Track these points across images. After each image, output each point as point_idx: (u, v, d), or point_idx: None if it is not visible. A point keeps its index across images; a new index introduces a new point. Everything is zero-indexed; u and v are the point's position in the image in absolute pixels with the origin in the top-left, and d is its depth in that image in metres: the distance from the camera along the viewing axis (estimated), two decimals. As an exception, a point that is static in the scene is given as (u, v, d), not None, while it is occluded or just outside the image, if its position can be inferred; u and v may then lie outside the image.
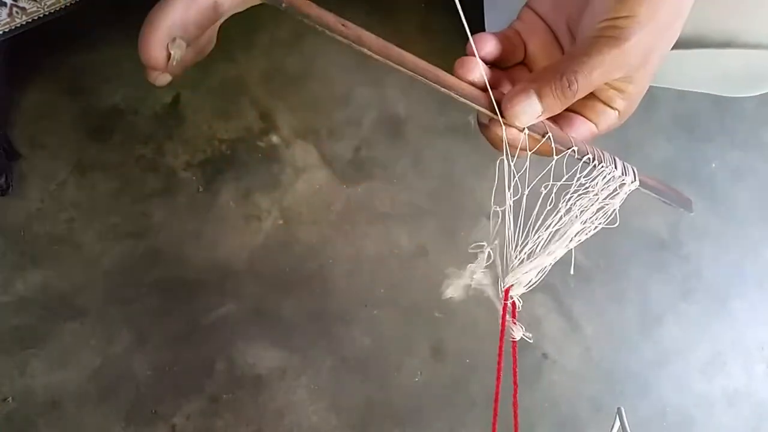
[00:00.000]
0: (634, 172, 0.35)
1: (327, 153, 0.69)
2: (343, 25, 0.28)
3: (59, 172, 0.65)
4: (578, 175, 0.33)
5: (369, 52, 0.29)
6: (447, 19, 0.72)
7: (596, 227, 0.34)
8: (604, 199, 0.34)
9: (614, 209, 0.34)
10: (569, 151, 0.33)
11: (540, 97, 0.32)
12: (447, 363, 0.64)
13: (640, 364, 0.66)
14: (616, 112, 0.36)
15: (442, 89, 0.31)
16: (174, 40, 0.29)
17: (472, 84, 0.34)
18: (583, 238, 0.34)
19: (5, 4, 0.49)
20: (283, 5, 0.29)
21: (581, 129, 0.36)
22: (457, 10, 0.27)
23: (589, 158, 0.33)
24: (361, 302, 0.65)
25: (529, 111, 0.32)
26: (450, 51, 0.73)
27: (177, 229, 0.65)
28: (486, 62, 0.36)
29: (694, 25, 0.45)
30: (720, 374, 0.67)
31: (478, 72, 0.33)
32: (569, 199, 0.33)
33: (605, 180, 0.34)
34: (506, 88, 0.36)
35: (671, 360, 0.67)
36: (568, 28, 0.37)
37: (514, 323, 0.34)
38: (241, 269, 0.65)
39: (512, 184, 0.33)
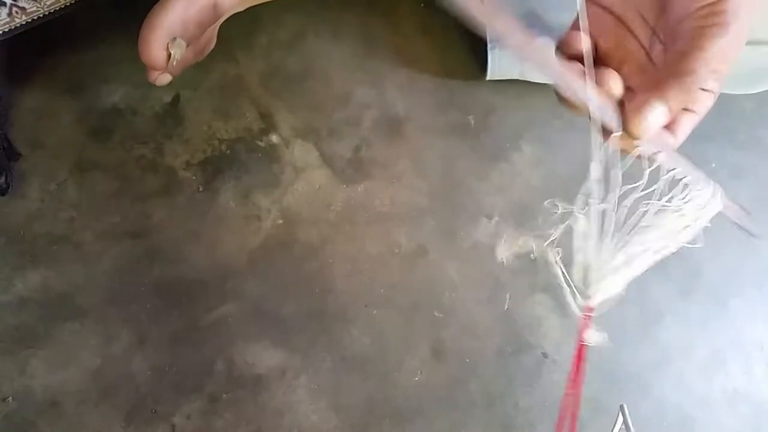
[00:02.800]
0: (720, 194, 0.35)
1: (327, 153, 0.69)
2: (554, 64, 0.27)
3: (59, 172, 0.65)
4: (679, 196, 0.33)
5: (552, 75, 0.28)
6: (447, 19, 0.72)
7: (679, 245, 0.34)
8: (692, 220, 0.34)
9: (698, 229, 0.35)
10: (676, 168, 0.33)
11: (666, 103, 0.31)
12: (447, 363, 0.64)
13: (640, 364, 0.66)
14: (712, 94, 0.35)
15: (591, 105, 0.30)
16: (174, 39, 0.29)
17: (578, 57, 0.32)
18: (664, 254, 0.34)
19: (5, 4, 0.49)
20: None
21: (686, 121, 0.35)
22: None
23: (689, 180, 0.33)
24: (361, 302, 0.65)
25: (657, 119, 0.31)
26: (450, 51, 0.73)
27: (177, 229, 0.65)
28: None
29: None
30: (720, 374, 0.67)
31: (586, 43, 0.32)
32: (659, 218, 0.33)
33: (697, 204, 0.34)
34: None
35: (671, 360, 0.67)
36: (641, 17, 0.35)
37: (592, 314, 0.32)
38: (241, 269, 0.65)
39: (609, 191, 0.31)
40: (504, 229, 0.67)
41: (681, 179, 0.33)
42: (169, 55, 0.29)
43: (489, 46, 0.66)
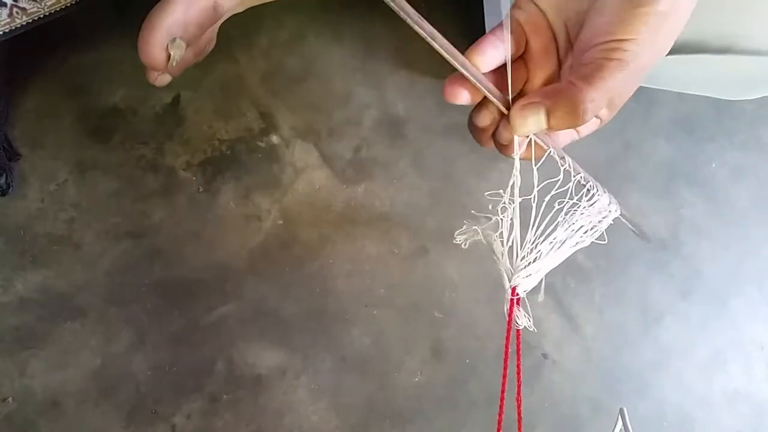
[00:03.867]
0: (617, 203, 0.40)
1: (327, 153, 0.69)
2: (420, 18, 0.30)
3: (59, 172, 0.65)
4: (584, 199, 0.38)
5: (438, 48, 0.31)
6: (447, 19, 0.72)
7: (587, 243, 0.38)
8: (597, 222, 0.39)
9: (601, 231, 0.39)
10: (563, 162, 0.36)
11: (549, 116, 0.32)
12: (447, 363, 0.64)
13: (640, 364, 0.66)
14: (599, 120, 0.36)
15: (479, 86, 0.33)
16: (174, 40, 0.29)
17: (476, 67, 0.34)
18: (574, 250, 0.38)
19: (5, 5, 0.49)
20: None
21: (563, 136, 0.37)
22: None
23: (590, 185, 0.38)
24: (361, 302, 0.65)
25: (532, 125, 0.33)
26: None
27: (177, 229, 0.65)
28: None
29: (693, 30, 0.45)
30: (720, 374, 0.67)
31: (498, 53, 0.34)
32: (569, 216, 0.37)
33: (599, 207, 0.39)
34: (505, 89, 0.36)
35: (671, 360, 0.67)
36: (566, 29, 0.36)
37: (518, 308, 0.36)
38: (241, 269, 0.65)
39: (518, 186, 0.35)
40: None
41: (584, 185, 0.37)
42: (169, 56, 0.29)
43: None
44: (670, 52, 0.35)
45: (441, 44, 0.31)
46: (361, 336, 0.64)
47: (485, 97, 0.34)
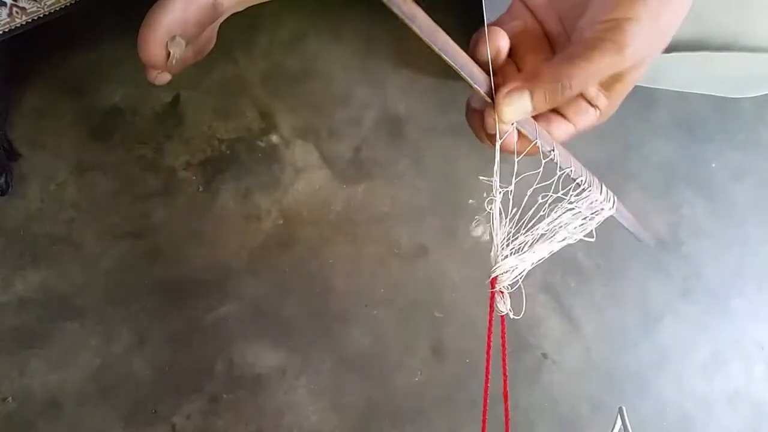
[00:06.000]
0: (615, 201, 0.38)
1: (327, 153, 0.69)
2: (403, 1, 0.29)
3: (59, 172, 0.65)
4: (571, 193, 0.36)
5: (418, 31, 0.30)
6: (448, 19, 0.72)
7: (575, 239, 0.37)
8: (586, 218, 0.37)
9: (591, 228, 0.37)
10: (553, 155, 0.35)
11: (532, 97, 0.32)
12: (447, 363, 0.64)
13: (640, 364, 0.66)
14: (597, 111, 0.35)
15: (459, 71, 0.31)
16: (173, 38, 0.29)
17: (497, 53, 0.33)
18: (562, 245, 0.37)
19: (5, 4, 0.49)
20: None
21: (559, 129, 0.36)
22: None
23: (581, 179, 0.36)
24: (361, 302, 0.65)
25: (519, 110, 0.32)
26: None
27: (177, 229, 0.65)
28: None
29: (695, 28, 0.45)
30: (720, 374, 0.67)
31: (503, 42, 0.33)
32: (555, 210, 0.36)
33: (589, 203, 0.37)
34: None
35: (671, 360, 0.67)
36: (561, 24, 0.36)
37: (501, 293, 0.35)
38: (242, 269, 0.65)
39: (499, 177, 0.35)
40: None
41: (575, 179, 0.36)
42: (169, 54, 0.29)
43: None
44: (673, 50, 0.35)
45: (420, 26, 0.30)
46: (361, 336, 0.64)
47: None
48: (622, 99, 0.35)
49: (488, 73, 0.33)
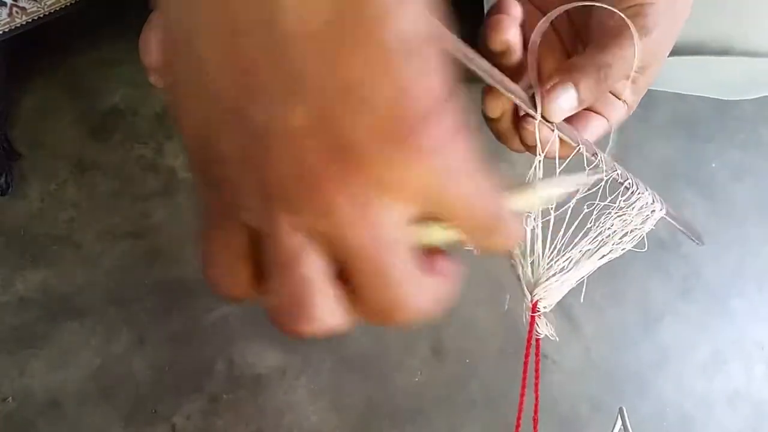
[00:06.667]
0: (661, 201, 0.35)
1: (327, 153, 0.69)
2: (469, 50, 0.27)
3: (59, 172, 0.65)
4: (619, 199, 0.33)
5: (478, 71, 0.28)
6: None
7: (624, 249, 0.34)
8: (636, 224, 0.34)
9: (642, 234, 0.35)
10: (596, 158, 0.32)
11: (578, 89, 0.31)
12: (447, 363, 0.64)
13: (640, 364, 0.66)
14: (625, 104, 0.35)
15: (492, 81, 0.29)
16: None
17: (507, 43, 0.31)
18: (611, 257, 0.34)
19: (5, 4, 0.49)
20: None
21: (596, 125, 0.35)
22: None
23: (629, 183, 0.33)
24: (361, 302, 0.65)
25: (567, 105, 0.31)
26: (450, 51, 0.73)
27: (177, 229, 0.65)
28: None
29: (693, 32, 0.45)
30: (720, 374, 0.67)
31: (513, 30, 0.32)
32: (602, 220, 0.33)
33: (640, 207, 0.34)
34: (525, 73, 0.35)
35: (671, 360, 0.67)
36: (568, 15, 0.35)
37: (539, 316, 0.33)
38: (241, 269, 0.64)
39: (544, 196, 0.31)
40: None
41: (622, 183, 0.33)
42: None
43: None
44: (671, 54, 0.35)
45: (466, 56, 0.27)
46: (361, 336, 0.64)
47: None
48: (645, 92, 0.35)
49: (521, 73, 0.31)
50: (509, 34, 0.30)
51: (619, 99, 0.35)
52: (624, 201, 0.33)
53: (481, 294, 0.66)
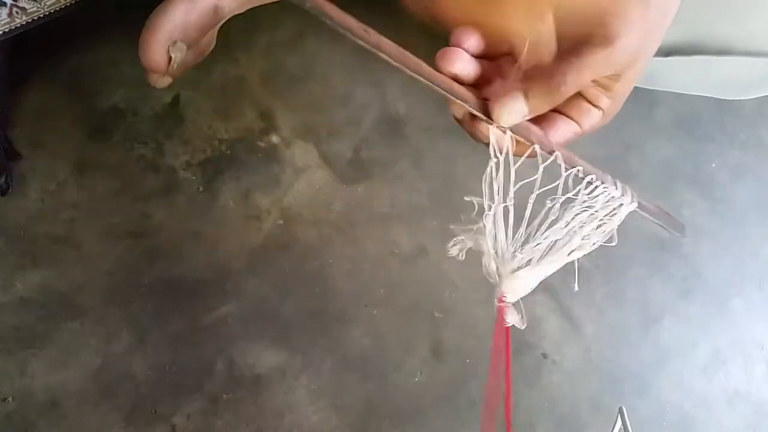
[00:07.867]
0: (632, 194, 0.36)
1: (327, 153, 0.69)
2: (365, 30, 0.29)
3: (59, 172, 0.65)
4: (581, 192, 0.34)
5: (387, 58, 0.30)
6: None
7: (594, 244, 0.35)
8: (603, 217, 0.35)
9: (612, 228, 0.35)
10: (556, 157, 0.34)
11: (527, 98, 0.32)
12: (447, 363, 0.64)
13: (640, 364, 0.66)
14: (600, 111, 0.35)
15: (439, 90, 0.31)
16: (174, 43, 0.29)
17: (455, 77, 0.33)
18: (581, 253, 0.35)
19: (5, 4, 0.49)
20: (308, 5, 0.29)
21: (563, 129, 0.36)
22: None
23: (591, 177, 0.34)
24: (361, 302, 0.65)
25: (515, 112, 0.32)
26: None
27: (177, 229, 0.65)
28: (471, 54, 0.35)
29: (692, 32, 0.46)
30: (720, 374, 0.67)
31: (460, 64, 0.33)
32: (567, 213, 0.34)
33: (605, 200, 0.34)
34: (495, 80, 0.36)
35: (671, 360, 0.67)
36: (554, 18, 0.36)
37: (506, 304, 0.34)
38: (241, 269, 0.65)
39: (503, 187, 0.33)
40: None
41: (583, 177, 0.34)
42: (170, 59, 0.29)
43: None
44: (670, 54, 0.35)
45: (389, 53, 0.30)
46: (361, 336, 0.64)
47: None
48: (625, 98, 0.35)
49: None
50: (455, 67, 0.33)
51: (594, 104, 0.35)
52: (587, 195, 0.34)
53: (481, 294, 0.66)
